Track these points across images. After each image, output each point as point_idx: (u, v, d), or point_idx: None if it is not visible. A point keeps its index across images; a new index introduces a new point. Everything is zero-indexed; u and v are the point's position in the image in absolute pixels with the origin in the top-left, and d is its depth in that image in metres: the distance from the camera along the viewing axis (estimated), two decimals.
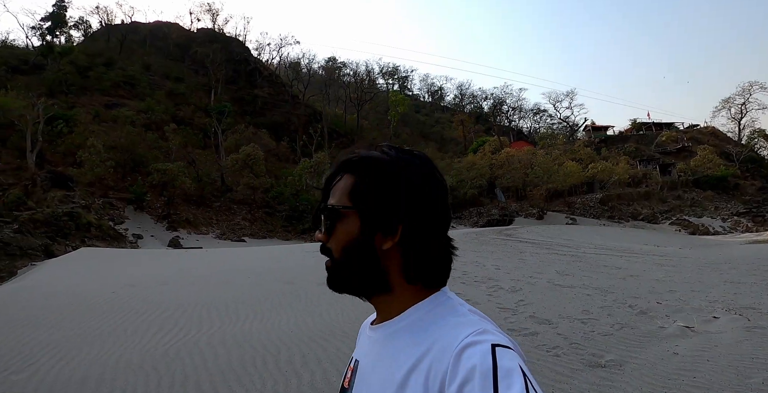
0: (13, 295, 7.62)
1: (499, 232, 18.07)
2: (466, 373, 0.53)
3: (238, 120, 42.45)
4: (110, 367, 3.89)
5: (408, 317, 0.68)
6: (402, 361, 0.64)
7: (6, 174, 25.11)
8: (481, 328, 0.59)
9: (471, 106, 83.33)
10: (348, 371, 0.78)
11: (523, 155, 36.80)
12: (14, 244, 17.71)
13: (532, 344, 4.16)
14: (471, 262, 9.25)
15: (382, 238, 0.67)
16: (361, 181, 0.68)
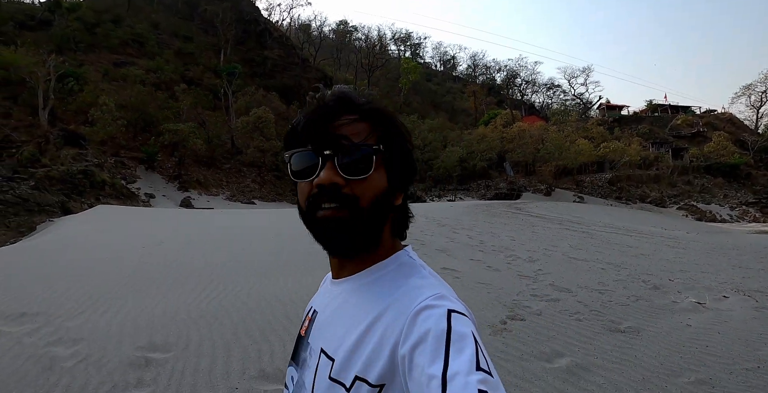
0: (48, 247, 7.88)
1: (508, 205, 18.26)
2: (420, 334, 0.54)
3: (248, 82, 41.97)
4: (158, 316, 4.07)
5: (372, 274, 0.69)
6: (361, 317, 0.64)
7: (19, 131, 25.16)
8: (439, 293, 0.60)
9: (483, 77, 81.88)
10: (306, 320, 0.78)
11: (535, 130, 36.48)
12: (32, 200, 18.00)
13: (555, 309, 4.41)
14: (486, 232, 9.49)
15: (397, 193, 0.69)
16: (390, 138, 0.68)
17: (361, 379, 0.59)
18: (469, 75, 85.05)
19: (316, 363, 0.67)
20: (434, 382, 0.49)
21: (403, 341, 0.56)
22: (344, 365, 0.61)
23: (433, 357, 0.51)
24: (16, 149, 22.98)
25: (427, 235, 8.32)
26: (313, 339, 0.72)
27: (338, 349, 0.64)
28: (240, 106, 36.22)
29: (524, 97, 72.63)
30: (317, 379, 0.65)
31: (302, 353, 0.74)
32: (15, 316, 4.08)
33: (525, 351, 3.36)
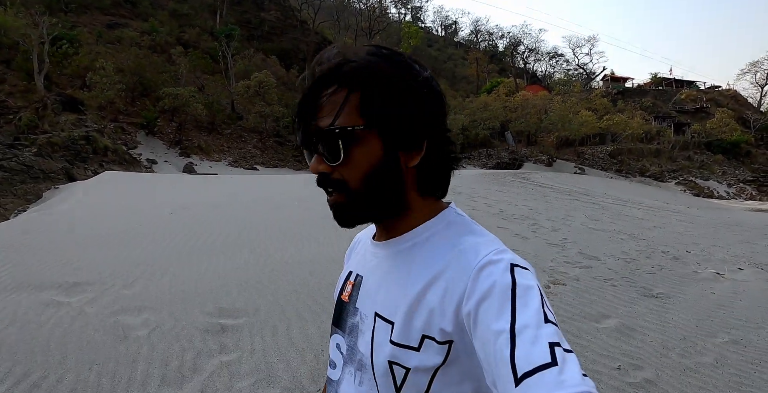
0: (77, 214, 7.88)
1: (514, 175, 18.44)
2: (485, 290, 0.53)
3: (245, 45, 40.70)
4: (213, 281, 4.15)
5: (421, 234, 0.66)
6: (418, 277, 0.62)
7: (14, 97, 24.39)
8: (499, 248, 0.59)
9: (486, 43, 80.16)
10: (348, 285, 0.75)
11: (538, 100, 36.22)
12: (36, 167, 17.75)
13: (589, 275, 4.66)
14: (502, 201, 9.70)
15: (407, 155, 0.62)
16: (373, 96, 0.60)
17: (429, 338, 0.58)
18: (470, 41, 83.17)
19: (371, 328, 0.65)
20: (503, 337, 0.48)
21: (468, 298, 0.55)
22: (406, 326, 0.60)
23: (499, 311, 0.50)
24: (13, 115, 22.50)
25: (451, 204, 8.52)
26: (363, 304, 0.69)
27: (396, 312, 0.62)
28: (239, 70, 35.32)
29: (527, 66, 71.54)
30: (376, 344, 0.64)
31: (349, 319, 0.71)
32: (68, 286, 4.10)
33: (574, 312, 3.61)
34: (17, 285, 4.12)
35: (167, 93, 28.45)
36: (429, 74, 0.64)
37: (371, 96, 0.60)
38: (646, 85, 50.33)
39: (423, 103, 0.62)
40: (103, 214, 7.81)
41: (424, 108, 0.62)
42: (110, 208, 8.43)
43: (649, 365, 2.86)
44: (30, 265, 4.71)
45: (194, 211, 7.65)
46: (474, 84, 59.36)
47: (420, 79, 0.62)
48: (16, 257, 5.01)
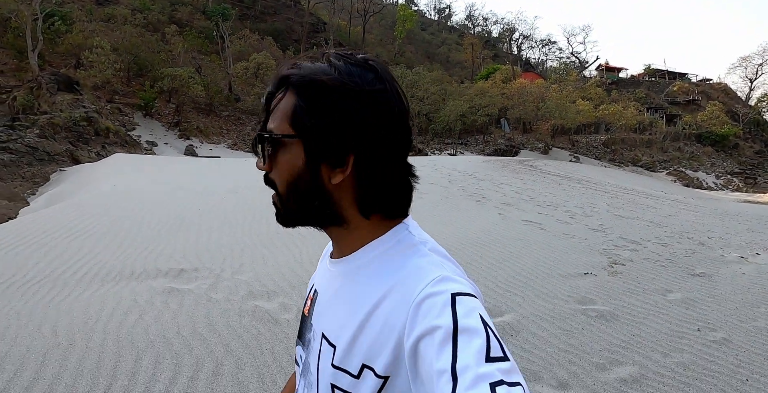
0: (120, 199, 7.79)
1: (520, 162, 19.02)
2: (426, 328, 0.51)
3: (237, 25, 40.08)
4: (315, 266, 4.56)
5: (367, 255, 0.65)
6: (359, 305, 0.61)
7: (5, 75, 24.01)
8: (439, 275, 0.56)
9: (479, 28, 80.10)
10: (308, 300, 0.76)
11: (535, 88, 36.72)
12: (41, 148, 17.64)
13: (639, 257, 5.22)
14: (525, 188, 10.24)
15: (330, 170, 0.60)
16: (303, 104, 0.59)
17: (368, 368, 0.57)
18: (464, 26, 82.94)
19: (318, 347, 0.66)
20: (444, 377, 0.47)
21: (408, 334, 0.53)
22: (347, 353, 0.60)
23: (439, 350, 0.49)
24: (6, 94, 22.02)
25: (482, 190, 9.02)
26: (316, 321, 0.70)
27: (339, 337, 0.62)
28: (234, 50, 34.89)
29: (521, 52, 71.86)
30: (321, 365, 0.64)
31: (307, 334, 0.72)
32: (176, 273, 4.17)
33: (641, 288, 4.16)
34: (118, 273, 4.19)
35: (166, 73, 28.06)
36: (384, 87, 0.60)
37: (302, 105, 0.59)
38: (639, 76, 51.29)
39: (354, 117, 0.58)
40: (149, 199, 7.91)
41: (354, 122, 0.58)
42: (151, 192, 8.66)
43: (720, 328, 3.42)
44: (119, 254, 4.77)
45: (243, 195, 7.97)
46: (469, 69, 59.44)
47: (365, 92, 0.58)
48: (98, 246, 5.09)
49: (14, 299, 3.76)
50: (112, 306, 3.44)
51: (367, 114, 0.58)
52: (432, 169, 12.02)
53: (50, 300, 3.70)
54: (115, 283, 3.95)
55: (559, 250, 5.12)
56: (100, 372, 2.59)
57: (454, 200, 7.78)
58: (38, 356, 2.77)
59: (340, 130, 0.58)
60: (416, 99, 35.32)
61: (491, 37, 76.61)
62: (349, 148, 0.59)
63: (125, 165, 13.94)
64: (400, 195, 0.64)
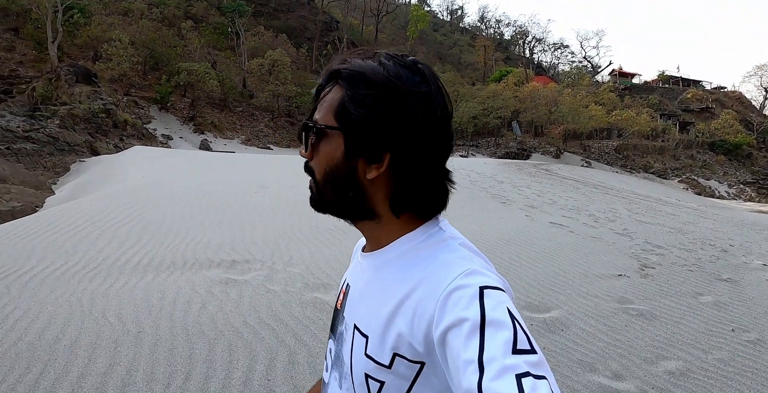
0: (154, 191, 7.89)
1: (534, 166, 19.11)
2: (453, 318, 0.52)
3: (251, 21, 40.46)
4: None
5: (397, 249, 0.66)
6: (389, 295, 0.63)
7: (24, 66, 24.41)
8: (469, 269, 0.58)
9: (492, 30, 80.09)
10: (340, 294, 0.78)
11: (548, 92, 36.74)
12: (62, 139, 17.95)
13: (667, 261, 5.35)
14: (545, 191, 10.36)
15: (367, 165, 0.62)
16: (349, 98, 0.61)
17: (400, 356, 0.59)
18: (476, 27, 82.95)
19: (351, 338, 0.68)
20: (471, 367, 0.48)
21: (436, 324, 0.55)
22: (378, 343, 0.62)
23: (467, 341, 0.50)
24: (25, 85, 22.29)
25: (504, 192, 9.16)
26: (348, 314, 0.72)
27: (370, 327, 0.64)
28: (249, 47, 35.21)
29: (533, 56, 71.78)
30: (354, 355, 0.66)
31: (339, 327, 0.74)
32: (228, 264, 4.28)
33: (673, 290, 4.29)
34: (171, 263, 4.30)
35: (183, 68, 28.39)
36: (430, 89, 0.61)
37: (348, 99, 0.61)
38: (653, 82, 51.15)
39: (396, 115, 0.59)
40: (182, 191, 8.06)
41: (395, 121, 0.59)
42: (183, 185, 8.82)
43: (752, 329, 3.56)
44: (166, 244, 4.90)
45: (273, 191, 8.15)
46: (480, 71, 59.46)
47: (407, 92, 0.60)
48: (144, 235, 5.23)
49: (71, 287, 3.88)
50: (172, 295, 3.57)
51: (409, 114, 0.60)
52: (450, 170, 12.17)
53: (108, 288, 3.83)
54: (170, 273, 4.08)
55: (590, 252, 5.27)
56: (175, 359, 2.66)
57: (480, 201, 7.95)
58: (109, 343, 2.85)
59: (380, 126, 0.60)
60: None
61: (503, 39, 76.56)
62: (387, 145, 0.61)
63: (147, 157, 14.16)
64: (434, 198, 0.66)
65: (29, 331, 3.04)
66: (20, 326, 3.12)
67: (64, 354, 2.75)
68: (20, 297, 3.64)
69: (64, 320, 3.20)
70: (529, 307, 3.55)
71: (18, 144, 16.46)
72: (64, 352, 2.76)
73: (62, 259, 4.60)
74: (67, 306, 3.46)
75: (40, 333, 3.02)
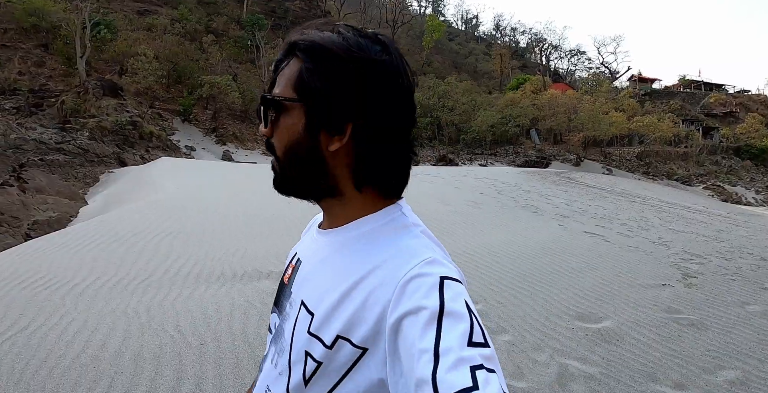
0: (192, 202, 8.07)
1: (557, 174, 18.98)
2: (411, 307, 0.52)
3: (270, 34, 41.33)
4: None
5: (359, 228, 0.65)
6: (346, 274, 0.61)
7: (54, 80, 25.21)
8: (429, 257, 0.58)
9: (507, 38, 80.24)
10: (289, 268, 0.76)
11: (567, 99, 36.51)
12: (91, 150, 18.55)
13: (708, 270, 5.28)
14: (573, 200, 10.30)
15: (329, 137, 0.61)
16: (308, 69, 0.60)
17: (344, 338, 0.58)
18: (491, 36, 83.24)
19: (296, 315, 0.66)
20: (426, 356, 0.48)
21: (392, 310, 0.54)
22: (324, 322, 0.60)
23: (424, 330, 0.49)
24: (54, 98, 23.01)
25: (533, 201, 9.15)
26: (296, 289, 0.70)
27: (319, 305, 0.62)
28: (268, 59, 35.92)
29: (549, 63, 71.58)
30: (296, 332, 0.65)
31: (284, 301, 0.73)
32: (276, 276, 4.21)
33: (719, 299, 4.25)
34: (220, 275, 4.38)
35: (206, 81, 29.06)
36: (391, 58, 0.61)
37: (306, 70, 0.60)
38: (674, 87, 50.46)
39: (356, 84, 0.59)
40: (215, 202, 8.24)
41: (356, 90, 0.59)
42: (216, 196, 9.03)
43: None
44: (211, 255, 4.99)
45: (304, 202, 8.24)
46: (497, 80, 59.47)
47: (368, 60, 0.59)
48: (188, 246, 5.31)
49: (126, 298, 3.96)
50: (228, 307, 3.63)
51: (370, 83, 0.59)
52: (475, 180, 12.19)
53: (162, 299, 3.89)
54: (221, 285, 4.15)
55: (630, 262, 5.24)
56: (242, 372, 2.65)
57: (511, 211, 7.97)
58: (173, 356, 2.86)
59: (341, 96, 0.59)
60: (447, 109, 35.56)
61: (519, 47, 76.62)
62: (348, 116, 0.60)
63: (175, 168, 14.50)
64: (396, 172, 0.65)
65: (90, 344, 3.07)
66: (81, 338, 3.16)
67: (129, 367, 2.77)
68: (76, 308, 3.71)
69: (123, 332, 3.25)
70: (580, 318, 3.56)
71: (51, 155, 17.00)
72: (129, 365, 2.78)
73: (112, 270, 4.73)
74: (125, 318, 3.53)
75: (102, 345, 3.05)
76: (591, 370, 2.74)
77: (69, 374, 2.67)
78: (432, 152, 32.90)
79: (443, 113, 35.27)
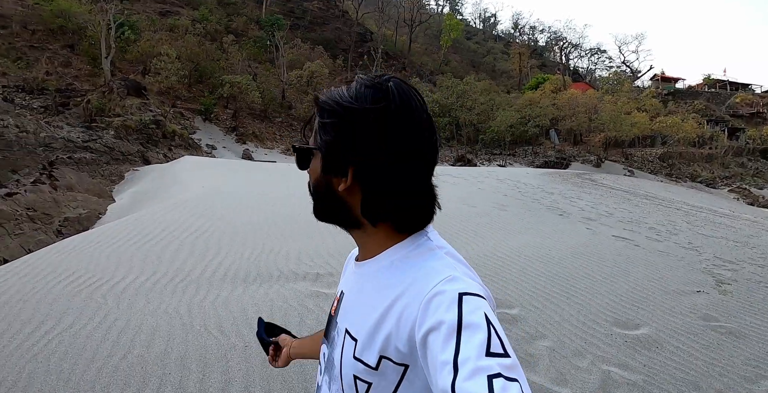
0: (220, 201, 8.13)
1: (578, 175, 18.77)
2: (433, 322, 0.57)
3: (289, 34, 41.70)
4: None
5: (388, 258, 0.72)
6: (379, 301, 0.68)
7: (80, 80, 25.82)
8: (450, 276, 0.62)
9: (525, 37, 79.42)
10: (335, 301, 0.84)
11: (587, 99, 35.99)
12: (117, 149, 18.97)
13: (741, 277, 5.21)
14: (597, 203, 10.20)
15: (338, 179, 0.70)
16: (319, 124, 0.72)
17: (386, 358, 0.64)
18: (510, 35, 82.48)
19: (342, 342, 0.73)
20: (447, 368, 0.51)
21: (419, 327, 0.59)
22: (366, 346, 0.67)
23: (444, 344, 0.54)
24: (80, 98, 23.53)
25: (557, 203, 9.09)
26: (341, 319, 0.77)
27: (360, 331, 0.69)
28: (287, 59, 36.21)
29: (568, 62, 70.64)
30: (344, 358, 0.71)
31: (332, 332, 0.80)
32: (313, 277, 4.30)
33: (755, 307, 4.20)
34: (257, 275, 4.42)
35: (227, 80, 29.43)
36: (388, 105, 0.66)
37: (319, 124, 0.72)
38: (698, 87, 49.31)
39: (351, 134, 0.67)
40: (245, 200, 8.29)
41: (351, 139, 0.67)
42: (244, 194, 9.14)
43: None
44: (246, 255, 5.03)
45: None
46: (515, 79, 58.93)
47: (362, 110, 0.66)
48: (222, 246, 5.38)
49: (166, 298, 3.99)
50: (267, 308, 3.66)
51: (364, 131, 0.66)
52: (497, 181, 12.15)
53: (202, 300, 3.92)
54: (259, 285, 4.19)
55: (661, 268, 5.20)
56: (289, 375, 2.64)
57: (537, 213, 7.95)
58: (219, 358, 2.86)
59: (341, 145, 0.68)
60: (465, 109, 35.40)
61: (538, 45, 75.82)
62: (349, 161, 0.69)
63: (198, 166, 14.65)
64: (408, 210, 0.70)
65: (136, 344, 3.08)
66: (126, 338, 3.18)
67: (176, 368, 2.78)
68: (118, 307, 3.76)
69: (167, 333, 3.25)
70: (617, 324, 3.56)
71: (78, 153, 17.38)
72: (176, 367, 2.80)
73: (150, 269, 4.79)
74: (167, 317, 3.55)
75: (147, 345, 3.06)
76: (634, 378, 2.75)
77: (117, 374, 2.71)
78: (450, 152, 32.78)
79: (462, 113, 35.12)
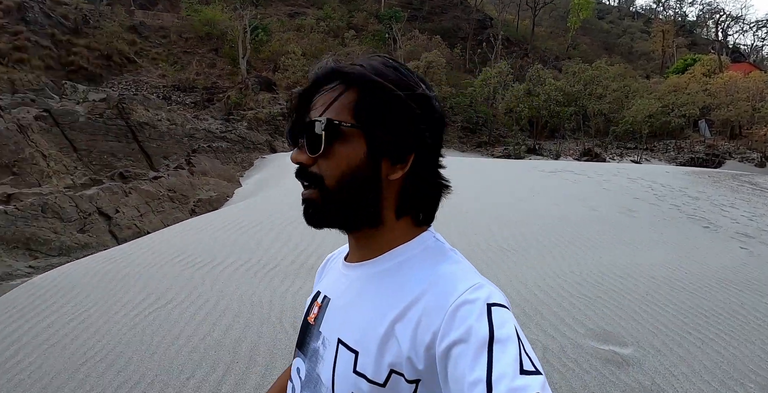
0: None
1: (733, 177, 15.82)
2: (461, 334, 0.52)
3: (407, 26, 42.54)
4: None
5: (394, 258, 0.64)
6: (388, 306, 0.60)
7: (222, 79, 29.35)
8: (476, 284, 0.57)
9: (670, 11, 69.13)
10: (314, 307, 0.73)
11: (751, 83, 30.23)
12: (248, 139, 21.23)
13: None
14: (760, 215, 8.26)
15: (390, 166, 0.61)
16: (371, 98, 0.60)
17: (397, 373, 0.57)
18: (651, 10, 72.72)
19: (334, 355, 0.64)
20: (479, 386, 0.47)
21: (442, 338, 0.53)
22: (371, 358, 0.59)
23: (475, 359, 0.49)
24: (222, 94, 26.86)
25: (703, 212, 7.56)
26: (327, 328, 0.68)
27: (362, 341, 0.61)
28: (405, 51, 36.84)
29: (727, 39, 59.98)
30: (338, 373, 0.62)
31: (312, 343, 0.70)
32: None
33: None
34: None
35: None
36: (429, 93, 0.63)
37: (367, 97, 0.60)
38: None
39: (416, 117, 0.61)
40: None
41: (417, 122, 0.61)
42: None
43: None
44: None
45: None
46: (657, 62, 52.16)
47: (424, 97, 0.62)
48: (319, 238, 5.31)
49: (254, 285, 4.09)
50: None
51: (426, 116, 0.62)
52: (628, 180, 10.63)
53: (285, 290, 3.94)
54: None
55: None
56: None
57: (674, 223, 6.63)
58: (285, 353, 2.87)
59: (404, 128, 0.60)
60: (594, 97, 32.11)
61: (687, 21, 65.79)
62: (411, 146, 0.61)
63: None
64: (433, 200, 0.66)
65: (216, 327, 3.27)
66: (210, 320, 3.38)
67: (244, 358, 2.85)
68: (212, 289, 3.99)
69: (246, 320, 3.39)
70: None
71: (216, 143, 19.80)
72: (244, 356, 2.88)
73: (246, 255, 5.01)
74: (249, 305, 3.67)
75: (226, 330, 3.22)
76: None
77: (193, 355, 2.85)
78: (576, 145, 30.06)
79: (590, 102, 31.83)
